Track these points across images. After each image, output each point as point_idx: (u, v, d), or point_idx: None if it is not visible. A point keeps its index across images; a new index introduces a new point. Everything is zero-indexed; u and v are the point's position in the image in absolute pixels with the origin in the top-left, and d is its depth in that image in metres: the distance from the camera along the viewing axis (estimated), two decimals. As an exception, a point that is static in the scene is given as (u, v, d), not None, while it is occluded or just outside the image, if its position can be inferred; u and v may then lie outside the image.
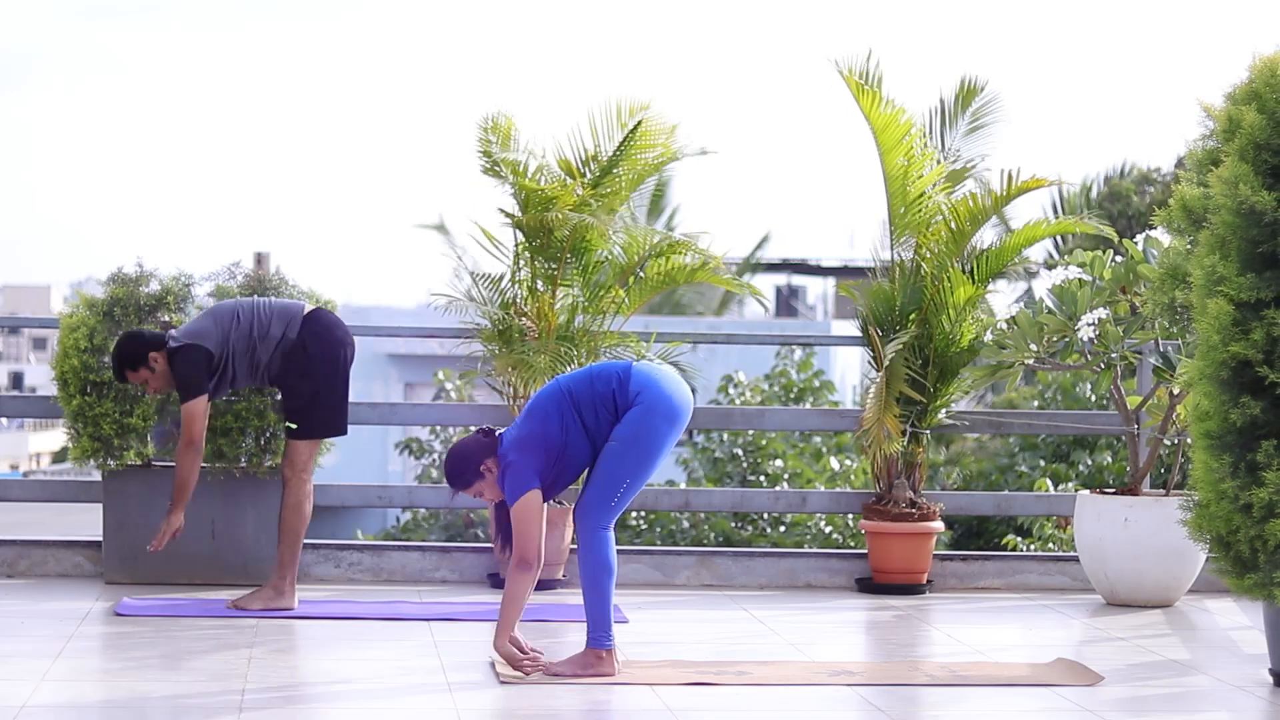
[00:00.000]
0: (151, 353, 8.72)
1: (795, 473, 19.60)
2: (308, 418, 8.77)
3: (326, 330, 8.82)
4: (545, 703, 6.83)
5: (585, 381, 7.25)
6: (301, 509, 8.76)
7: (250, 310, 8.79)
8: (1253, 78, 7.27)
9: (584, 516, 7.21)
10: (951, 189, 10.10)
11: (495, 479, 7.23)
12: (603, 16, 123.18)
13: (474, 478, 7.24)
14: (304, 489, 8.77)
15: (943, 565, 10.13)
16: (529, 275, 9.90)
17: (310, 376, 8.75)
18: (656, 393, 7.19)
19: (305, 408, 8.76)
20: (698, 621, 8.99)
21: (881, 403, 9.77)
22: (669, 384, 7.24)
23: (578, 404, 7.21)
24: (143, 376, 8.76)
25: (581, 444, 7.21)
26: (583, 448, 7.22)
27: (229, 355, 8.71)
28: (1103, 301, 9.53)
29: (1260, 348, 7.07)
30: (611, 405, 7.20)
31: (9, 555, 9.76)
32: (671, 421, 7.20)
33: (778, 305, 48.47)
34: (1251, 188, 7.05)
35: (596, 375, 7.26)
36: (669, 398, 7.20)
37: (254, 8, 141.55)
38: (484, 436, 7.26)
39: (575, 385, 7.25)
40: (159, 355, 8.72)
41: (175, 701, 6.72)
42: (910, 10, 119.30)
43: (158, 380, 8.76)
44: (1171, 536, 9.16)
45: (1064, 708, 6.94)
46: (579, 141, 9.97)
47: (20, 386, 74.12)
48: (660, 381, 7.22)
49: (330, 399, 8.79)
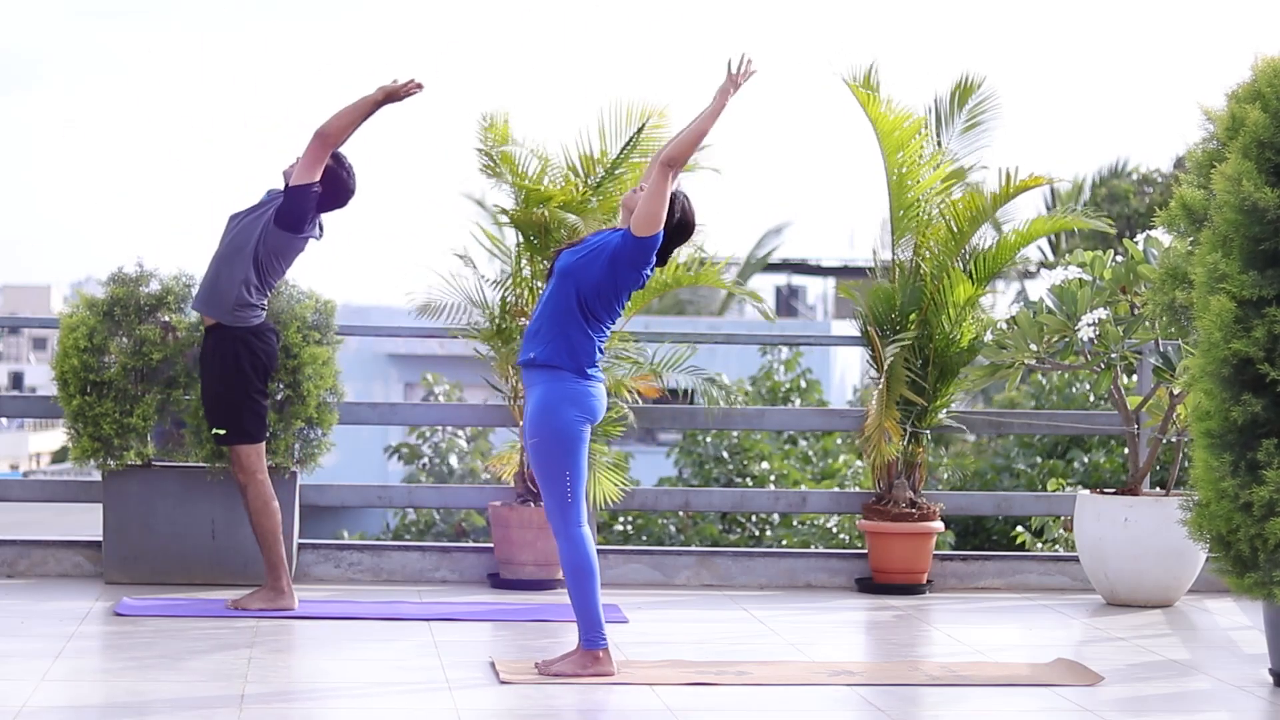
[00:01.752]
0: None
1: (782, 474, 19.60)
2: (238, 422, 8.77)
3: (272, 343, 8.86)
4: (545, 703, 6.83)
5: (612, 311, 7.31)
6: (268, 508, 8.76)
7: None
8: (1256, 77, 7.28)
9: (552, 521, 7.27)
10: (950, 188, 10.10)
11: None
12: (601, 17, 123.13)
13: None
14: (264, 490, 8.78)
15: (943, 565, 10.13)
16: (530, 274, 9.89)
17: (225, 378, 8.75)
18: (564, 380, 7.24)
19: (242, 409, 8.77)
20: (698, 621, 8.99)
21: (883, 407, 9.78)
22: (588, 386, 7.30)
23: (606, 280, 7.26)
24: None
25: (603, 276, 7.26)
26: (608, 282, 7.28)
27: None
28: (1103, 301, 9.53)
29: (1262, 345, 7.07)
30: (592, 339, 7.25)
31: (9, 555, 9.76)
32: (577, 404, 7.23)
33: (778, 305, 48.47)
34: (1254, 184, 7.06)
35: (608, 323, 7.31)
36: (573, 384, 7.25)
37: (254, 8, 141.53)
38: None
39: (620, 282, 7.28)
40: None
41: (175, 701, 6.71)
42: (910, 9, 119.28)
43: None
44: (1171, 536, 9.16)
45: (1064, 708, 6.94)
46: (585, 141, 9.98)
47: (20, 386, 74.12)
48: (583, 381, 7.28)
49: (240, 399, 8.77)
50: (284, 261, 8.73)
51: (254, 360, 8.77)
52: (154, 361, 9.45)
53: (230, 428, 8.76)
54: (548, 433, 7.22)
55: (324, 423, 9.59)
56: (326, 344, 9.61)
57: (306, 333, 9.54)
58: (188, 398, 9.49)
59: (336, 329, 9.73)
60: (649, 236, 7.18)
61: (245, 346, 8.74)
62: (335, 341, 9.69)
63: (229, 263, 8.68)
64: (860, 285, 10.29)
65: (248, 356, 8.75)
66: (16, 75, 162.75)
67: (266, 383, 8.86)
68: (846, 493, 10.92)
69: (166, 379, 9.54)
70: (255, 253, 8.66)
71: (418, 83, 8.43)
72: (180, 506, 9.45)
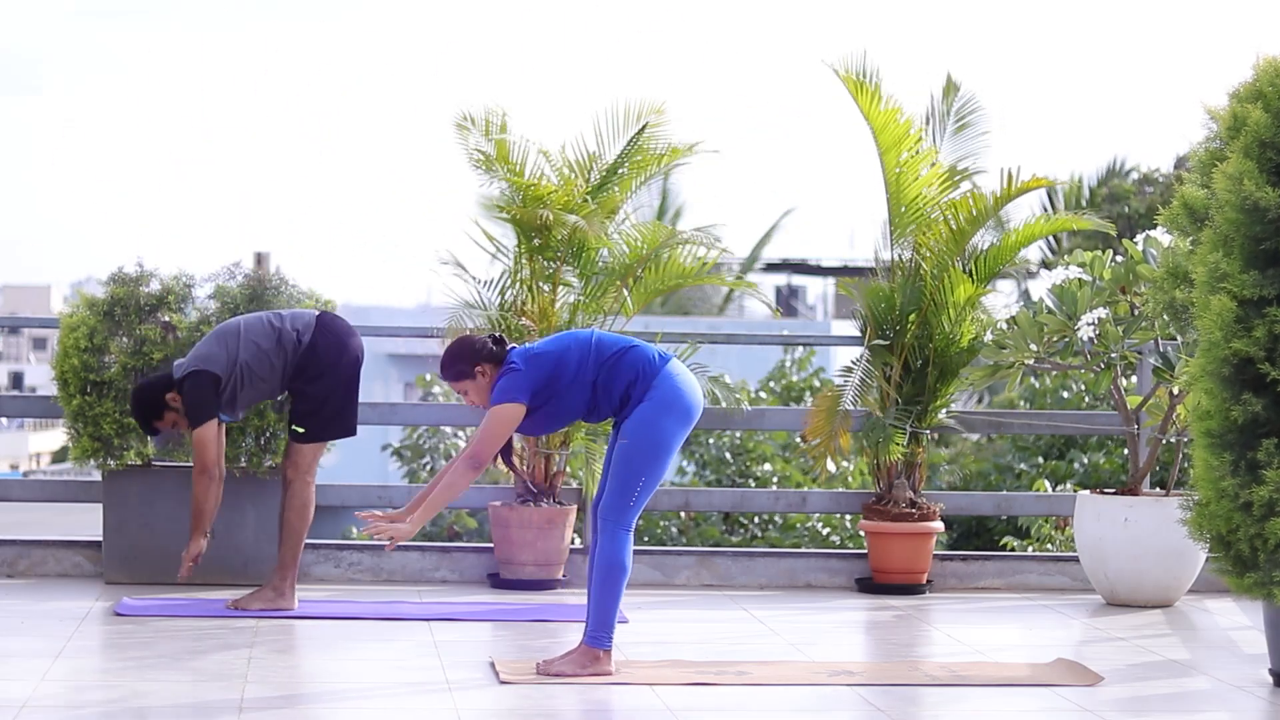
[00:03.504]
0: (166, 394, 8.63)
1: (784, 475, 19.59)
2: (316, 421, 8.71)
3: (336, 334, 8.77)
4: (545, 703, 6.82)
5: (616, 346, 7.25)
6: (306, 511, 8.74)
7: (259, 322, 8.68)
8: (1257, 77, 7.28)
9: (605, 516, 7.21)
10: (947, 189, 10.10)
11: (486, 384, 7.22)
12: (603, 18, 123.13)
13: (466, 373, 7.25)
14: (308, 491, 8.75)
15: (943, 565, 10.13)
16: (529, 275, 9.89)
17: (321, 380, 8.67)
18: (673, 391, 7.19)
19: (315, 410, 8.70)
20: (698, 621, 8.99)
21: (833, 415, 9.92)
22: (685, 382, 7.25)
23: (601, 358, 7.21)
24: (170, 420, 8.66)
25: (580, 396, 7.21)
26: (579, 400, 7.22)
27: (240, 374, 8.57)
28: (1103, 301, 9.53)
29: (1262, 345, 7.06)
30: (627, 385, 7.20)
31: (9, 555, 9.76)
32: (683, 422, 7.21)
33: (778, 305, 48.45)
34: (1256, 184, 7.06)
35: (629, 350, 7.24)
36: (683, 396, 7.21)
37: (254, 8, 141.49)
38: (493, 343, 7.26)
39: (605, 342, 7.26)
40: (173, 395, 8.62)
41: (175, 701, 6.71)
42: (908, 9, 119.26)
43: (183, 418, 8.65)
44: (1171, 536, 9.16)
45: (1064, 708, 6.93)
46: (581, 144, 9.98)
47: (20, 386, 74.11)
48: (677, 379, 7.23)
49: (339, 401, 8.73)
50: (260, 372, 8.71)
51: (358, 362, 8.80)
52: (154, 361, 9.45)
53: (312, 428, 8.73)
54: (640, 441, 7.16)
55: (324, 422, 9.58)
56: (326, 344, 9.59)
57: (306, 333, 9.54)
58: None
59: (336, 329, 9.71)
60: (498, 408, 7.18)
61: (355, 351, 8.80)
62: (335, 341, 9.67)
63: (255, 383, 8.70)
64: (859, 283, 10.30)
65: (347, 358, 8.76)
66: (26, 80, 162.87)
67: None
68: (846, 493, 10.92)
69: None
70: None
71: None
72: (180, 506, 9.44)
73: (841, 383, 10.19)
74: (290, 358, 8.63)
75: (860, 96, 9.97)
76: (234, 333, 8.64)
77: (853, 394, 10.05)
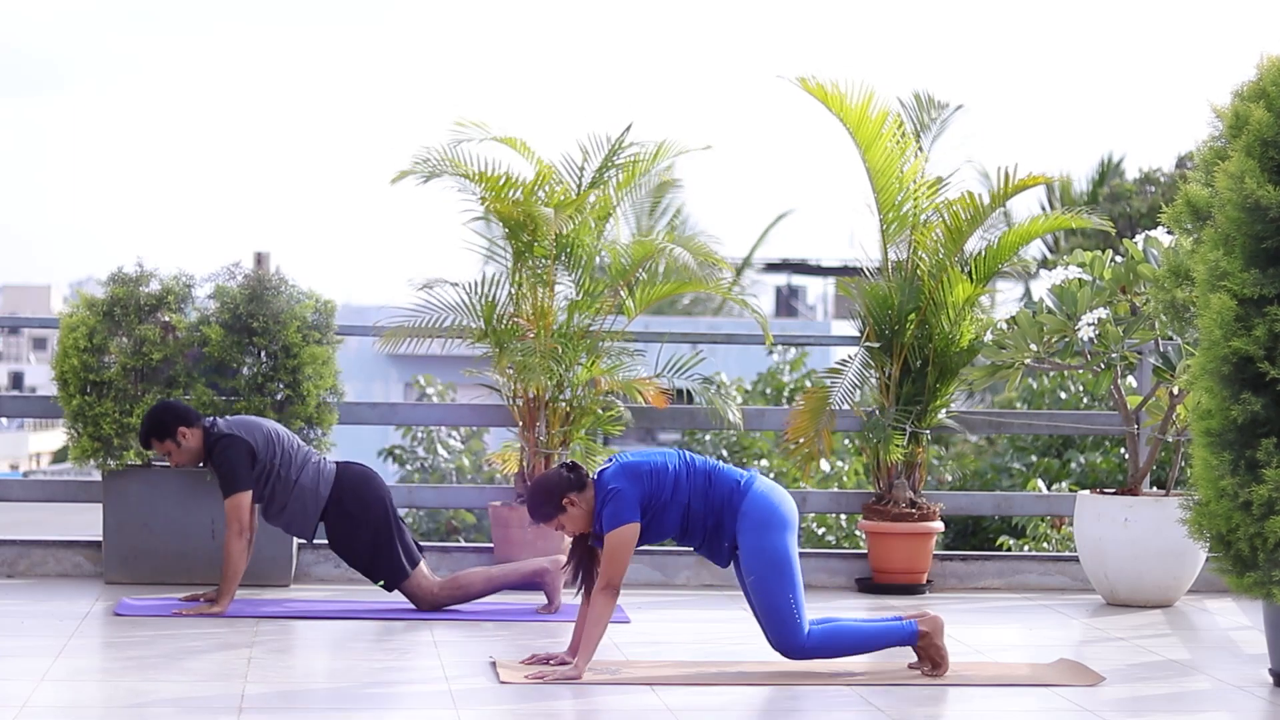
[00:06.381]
0: (181, 427, 8.63)
1: (781, 472, 19.59)
2: (383, 569, 8.73)
3: (357, 485, 8.78)
4: (545, 703, 6.82)
5: (704, 469, 7.36)
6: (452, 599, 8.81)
7: (281, 437, 8.72)
8: (1260, 76, 7.28)
9: (791, 647, 7.28)
10: (937, 190, 10.12)
11: (579, 513, 7.28)
12: (602, 18, 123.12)
13: (555, 511, 7.30)
14: (445, 597, 8.77)
15: (943, 565, 10.13)
16: (524, 276, 9.89)
17: (360, 532, 8.71)
18: (767, 509, 7.30)
19: (376, 560, 8.72)
20: (698, 621, 8.99)
21: (818, 416, 9.92)
22: (774, 496, 7.35)
23: (693, 477, 7.32)
24: (167, 448, 8.68)
25: (675, 514, 7.31)
26: (673, 519, 7.32)
27: (272, 467, 8.64)
28: (1103, 301, 9.53)
29: (1262, 343, 7.06)
30: (718, 512, 7.31)
31: (9, 555, 9.76)
32: (786, 529, 7.31)
33: (778, 305, 48.43)
34: (1257, 182, 7.05)
35: (715, 472, 7.36)
36: (778, 510, 7.32)
37: (254, 9, 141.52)
38: (568, 472, 7.33)
39: (696, 463, 7.37)
40: (189, 431, 8.63)
41: (175, 701, 6.71)
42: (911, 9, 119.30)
43: (181, 455, 8.68)
44: (1171, 536, 9.16)
45: (1064, 708, 6.93)
46: (573, 147, 10.02)
47: (20, 386, 74.11)
48: (767, 496, 7.33)
49: (389, 542, 8.72)
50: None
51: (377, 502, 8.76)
52: (154, 361, 9.45)
53: (385, 575, 8.74)
54: (764, 569, 7.25)
55: (324, 422, 9.60)
56: (326, 344, 9.61)
57: (306, 333, 9.55)
58: (188, 397, 9.49)
59: (336, 329, 9.73)
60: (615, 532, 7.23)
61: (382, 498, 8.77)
62: (335, 341, 9.69)
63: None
64: (858, 282, 10.30)
65: (375, 500, 8.75)
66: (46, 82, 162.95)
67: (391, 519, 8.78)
68: (846, 493, 10.92)
69: (166, 379, 9.54)
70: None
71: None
72: (180, 506, 9.45)
73: (830, 382, 10.19)
74: (303, 495, 8.68)
75: (830, 101, 10.03)
76: (264, 428, 8.70)
77: (842, 394, 10.05)
